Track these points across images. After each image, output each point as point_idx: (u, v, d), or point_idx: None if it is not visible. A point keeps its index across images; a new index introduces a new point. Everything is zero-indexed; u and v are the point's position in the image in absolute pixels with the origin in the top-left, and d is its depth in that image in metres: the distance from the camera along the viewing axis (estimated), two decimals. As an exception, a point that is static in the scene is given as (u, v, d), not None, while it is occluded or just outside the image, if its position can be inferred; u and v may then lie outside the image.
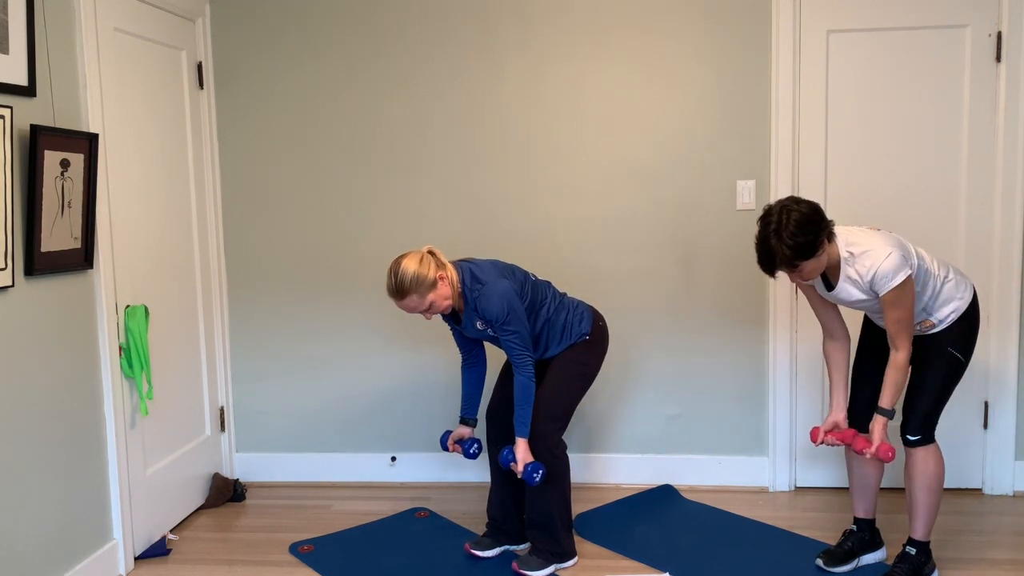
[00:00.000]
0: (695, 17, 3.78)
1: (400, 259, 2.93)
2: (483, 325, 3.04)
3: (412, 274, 2.88)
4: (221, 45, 4.00)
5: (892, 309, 2.74)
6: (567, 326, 3.14)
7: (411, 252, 2.96)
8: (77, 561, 3.03)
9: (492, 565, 3.24)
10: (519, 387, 3.02)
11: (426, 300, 2.92)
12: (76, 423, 3.04)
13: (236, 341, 4.15)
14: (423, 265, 2.90)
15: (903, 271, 2.69)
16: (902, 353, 2.79)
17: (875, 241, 2.75)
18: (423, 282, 2.89)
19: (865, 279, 2.73)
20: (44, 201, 2.79)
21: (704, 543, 3.39)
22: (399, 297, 2.92)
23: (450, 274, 2.97)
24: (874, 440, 2.81)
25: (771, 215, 2.67)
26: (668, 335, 3.95)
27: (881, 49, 3.69)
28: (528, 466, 3.00)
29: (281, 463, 4.19)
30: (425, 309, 2.94)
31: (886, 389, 2.82)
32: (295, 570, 3.26)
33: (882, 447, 2.80)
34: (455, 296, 3.00)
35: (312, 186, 4.04)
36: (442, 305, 2.96)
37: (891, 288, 2.69)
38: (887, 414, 2.82)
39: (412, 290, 2.89)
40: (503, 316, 2.95)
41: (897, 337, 2.77)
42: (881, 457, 2.81)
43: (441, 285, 2.93)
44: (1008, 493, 3.83)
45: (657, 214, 3.89)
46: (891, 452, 2.80)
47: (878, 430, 2.81)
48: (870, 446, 2.82)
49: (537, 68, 3.88)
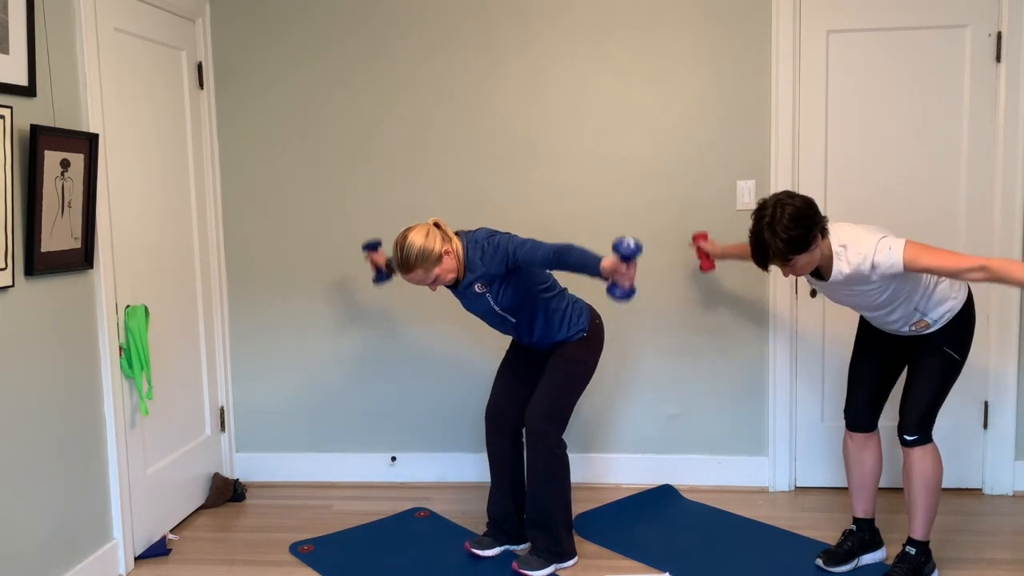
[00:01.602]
0: (695, 17, 3.78)
1: (406, 232, 2.93)
2: (482, 287, 3.02)
3: (419, 248, 2.89)
4: (221, 45, 4.00)
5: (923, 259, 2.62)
6: (567, 317, 3.14)
7: (417, 225, 2.95)
8: (77, 561, 3.03)
9: (492, 565, 3.24)
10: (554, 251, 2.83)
11: (432, 273, 2.93)
12: (76, 423, 3.04)
13: (236, 341, 4.15)
14: (429, 239, 2.90)
15: (897, 240, 2.67)
16: (990, 264, 2.57)
17: (863, 232, 2.75)
18: (429, 256, 2.90)
19: (863, 268, 2.71)
20: (44, 201, 2.79)
21: (704, 543, 3.39)
22: (405, 271, 2.92)
23: (455, 246, 2.98)
24: None
25: (765, 209, 2.67)
26: (668, 335, 3.95)
27: (881, 49, 3.69)
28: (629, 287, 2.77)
29: (281, 463, 4.19)
30: (431, 282, 2.95)
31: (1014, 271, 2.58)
32: (295, 570, 3.26)
33: None
34: (460, 268, 3.00)
35: (312, 186, 4.04)
36: (447, 278, 2.98)
37: (901, 256, 2.64)
38: None
39: (418, 264, 2.90)
40: (493, 235, 2.97)
41: (961, 266, 2.61)
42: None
43: (447, 259, 2.94)
44: (1008, 493, 3.83)
45: (657, 214, 3.89)
46: None
47: None
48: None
49: (537, 68, 3.88)
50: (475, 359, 4.02)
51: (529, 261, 2.90)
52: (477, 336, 3.97)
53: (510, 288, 3.02)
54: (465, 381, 4.04)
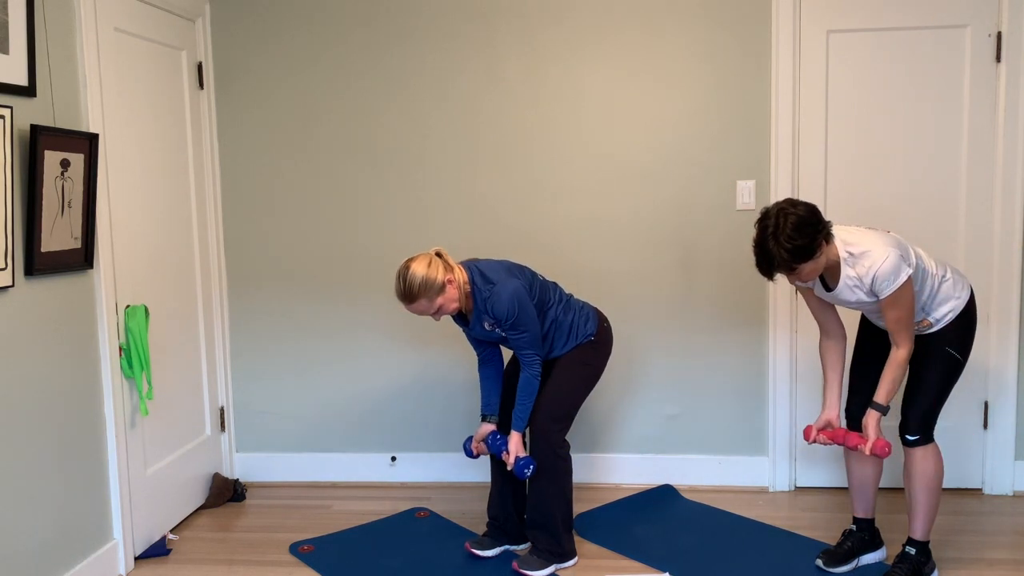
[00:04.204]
0: (695, 17, 3.78)
1: (408, 263, 2.93)
2: (491, 325, 3.04)
3: (421, 279, 2.89)
4: (221, 45, 4.00)
5: (891, 309, 2.74)
6: (573, 327, 3.14)
7: (419, 256, 2.96)
8: (77, 561, 3.03)
9: (492, 565, 3.24)
10: (524, 382, 3.03)
11: (435, 304, 2.93)
12: (76, 423, 3.04)
13: (236, 341, 4.15)
14: (432, 269, 2.91)
15: (903, 272, 2.69)
16: (903, 350, 2.79)
17: (874, 241, 2.75)
18: (432, 287, 2.90)
19: (865, 280, 2.73)
20: (44, 201, 2.79)
21: (704, 543, 3.39)
22: (408, 301, 2.93)
23: (458, 276, 2.98)
24: (868, 436, 2.81)
25: (768, 218, 2.67)
26: (668, 335, 3.95)
27: (881, 49, 3.69)
28: (519, 460, 3.02)
29: (281, 463, 4.19)
30: (434, 312, 2.96)
31: (883, 384, 2.82)
32: (295, 570, 3.26)
33: (878, 443, 2.80)
34: (463, 298, 3.00)
35: (312, 186, 4.04)
36: (450, 307, 2.98)
37: (892, 291, 2.70)
38: (881, 409, 2.83)
39: (421, 295, 2.90)
40: (513, 315, 2.95)
41: (898, 335, 2.78)
42: (877, 453, 2.81)
43: (449, 288, 2.94)
44: (1008, 493, 3.83)
45: (657, 214, 3.89)
46: (887, 447, 2.80)
47: (872, 425, 2.82)
48: (865, 442, 2.82)
49: (537, 68, 3.88)
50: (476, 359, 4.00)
51: (515, 350, 3.09)
52: (477, 336, 3.97)
53: None
54: (465, 381, 4.04)
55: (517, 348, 3.03)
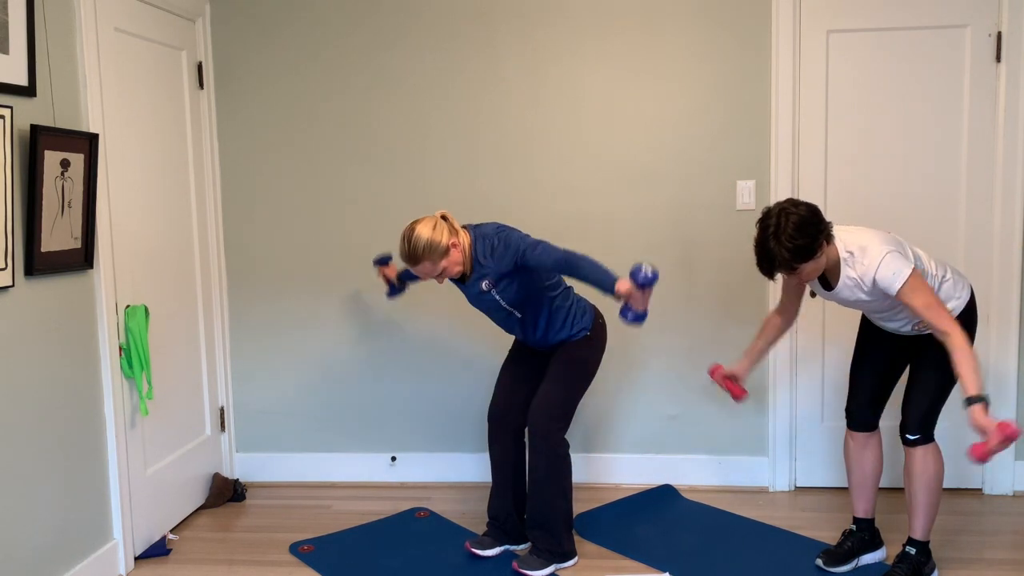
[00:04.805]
0: (695, 17, 3.78)
1: (414, 225, 2.94)
2: (488, 285, 3.03)
3: (425, 240, 2.90)
4: (221, 45, 4.00)
5: (914, 298, 2.66)
6: (571, 315, 3.14)
7: (424, 218, 2.97)
8: (77, 561, 3.03)
9: (492, 565, 3.24)
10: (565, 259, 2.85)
11: (439, 266, 2.95)
12: (76, 423, 3.04)
13: (236, 341, 4.15)
14: (436, 231, 2.92)
15: (905, 266, 2.68)
16: (951, 335, 2.61)
17: (872, 240, 2.75)
18: (436, 249, 2.91)
19: (865, 281, 2.73)
20: (44, 201, 2.79)
21: (704, 543, 3.39)
22: (412, 263, 2.94)
23: (463, 240, 2.99)
24: (987, 428, 2.48)
25: (769, 218, 2.67)
26: (668, 334, 3.95)
27: (881, 49, 3.69)
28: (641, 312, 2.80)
29: (281, 463, 4.19)
30: (438, 274, 2.97)
31: (964, 377, 2.57)
32: (295, 570, 3.26)
33: (1000, 425, 2.45)
34: (467, 261, 3.01)
35: (312, 185, 4.04)
36: (454, 270, 3.00)
37: (901, 285, 2.68)
38: (980, 400, 2.54)
39: (425, 256, 2.91)
40: (503, 232, 2.98)
41: (936, 321, 2.65)
42: (1010, 436, 2.43)
43: (454, 252, 2.96)
44: (1008, 493, 3.83)
45: (657, 214, 3.89)
46: (1011, 425, 2.45)
47: (982, 418, 2.51)
48: (986, 446, 2.47)
49: (537, 68, 3.88)
50: (476, 359, 4.02)
51: (539, 264, 2.91)
52: (478, 336, 3.97)
53: (516, 284, 3.02)
54: (466, 381, 4.04)
55: (528, 251, 2.90)
